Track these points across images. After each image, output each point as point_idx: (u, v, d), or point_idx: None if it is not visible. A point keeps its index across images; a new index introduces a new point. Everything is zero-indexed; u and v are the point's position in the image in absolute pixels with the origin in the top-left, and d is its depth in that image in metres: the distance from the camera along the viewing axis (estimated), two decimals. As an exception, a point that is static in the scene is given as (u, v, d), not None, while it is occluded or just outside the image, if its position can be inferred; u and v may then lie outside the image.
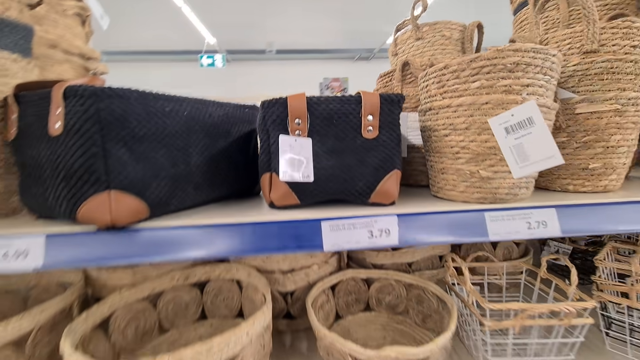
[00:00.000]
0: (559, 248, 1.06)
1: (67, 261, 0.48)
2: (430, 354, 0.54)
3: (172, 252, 0.50)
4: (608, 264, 0.71)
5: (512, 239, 0.54)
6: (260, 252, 0.52)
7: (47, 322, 0.61)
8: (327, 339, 0.58)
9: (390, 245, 0.52)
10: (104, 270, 0.74)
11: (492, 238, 0.53)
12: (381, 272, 0.83)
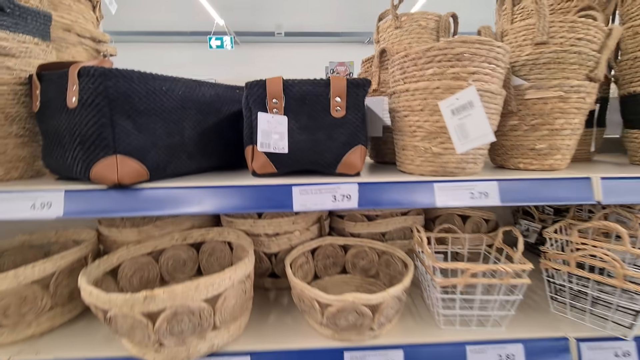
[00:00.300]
0: (529, 227, 1.15)
1: (82, 212, 0.59)
2: (383, 300, 0.64)
3: (167, 208, 0.60)
4: (553, 235, 0.79)
5: (457, 206, 0.62)
6: (241, 210, 0.62)
7: (66, 267, 0.73)
8: (298, 287, 0.68)
9: (350, 209, 0.62)
10: (113, 228, 0.85)
11: (438, 205, 0.62)
12: (357, 239, 0.92)
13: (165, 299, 0.56)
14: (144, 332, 0.58)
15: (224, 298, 0.63)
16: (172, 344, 0.61)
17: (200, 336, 0.63)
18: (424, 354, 0.70)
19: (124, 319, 0.57)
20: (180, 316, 0.58)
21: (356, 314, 0.65)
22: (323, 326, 0.70)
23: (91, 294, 0.58)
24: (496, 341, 0.71)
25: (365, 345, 0.69)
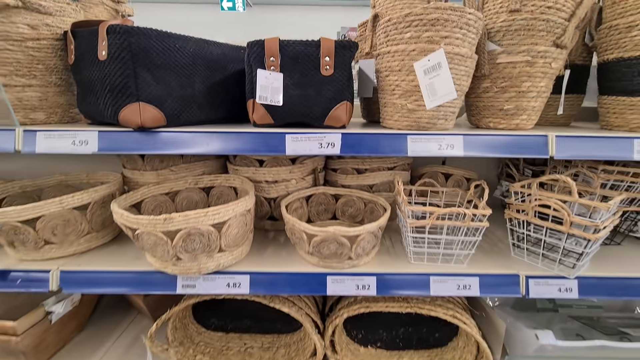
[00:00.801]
0: (508, 187, 1.24)
1: (112, 148, 0.72)
2: (360, 233, 0.77)
3: (181, 148, 0.73)
4: (518, 189, 0.89)
5: (426, 155, 0.72)
6: (242, 152, 0.74)
7: (99, 199, 0.88)
8: (290, 222, 0.82)
9: (333, 154, 0.73)
10: (135, 171, 0.99)
11: (409, 154, 0.73)
12: (347, 190, 1.04)
13: (180, 221, 0.70)
14: (164, 248, 0.73)
15: (228, 226, 0.77)
16: (186, 260, 0.76)
17: (208, 255, 0.78)
18: (394, 281, 0.83)
19: (148, 236, 0.72)
20: (193, 236, 0.73)
21: (337, 244, 0.78)
22: (310, 255, 0.84)
23: (122, 215, 0.72)
24: (456, 274, 0.84)
25: (344, 272, 0.83)
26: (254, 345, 1.03)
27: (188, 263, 0.77)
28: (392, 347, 1.03)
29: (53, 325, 0.94)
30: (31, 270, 0.82)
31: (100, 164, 1.23)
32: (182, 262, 0.77)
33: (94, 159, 1.24)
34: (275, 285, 0.83)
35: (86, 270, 0.82)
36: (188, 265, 0.77)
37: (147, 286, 0.82)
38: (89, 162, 1.24)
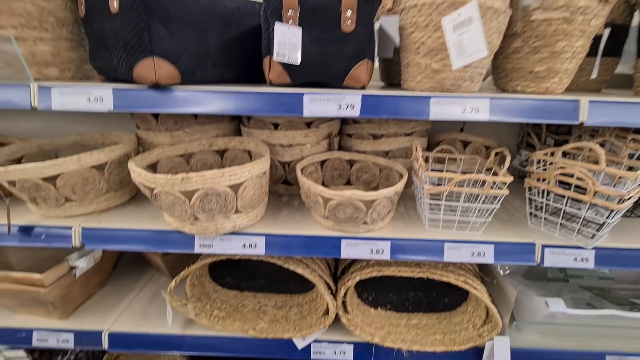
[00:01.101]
0: (528, 156, 1.21)
1: (128, 106, 0.71)
2: (376, 198, 0.76)
3: (196, 107, 0.71)
4: (540, 156, 0.86)
5: (449, 119, 0.70)
6: (258, 113, 0.72)
7: (116, 159, 0.88)
8: (306, 185, 0.81)
9: (352, 116, 0.71)
10: (150, 132, 0.99)
11: (431, 117, 0.70)
12: (362, 155, 1.03)
13: (198, 180, 0.70)
14: (182, 208, 0.74)
15: (244, 187, 0.77)
16: (203, 220, 0.77)
17: (225, 216, 0.78)
18: (408, 247, 0.84)
19: (166, 195, 0.72)
20: (210, 197, 0.73)
21: (353, 208, 0.78)
22: (325, 218, 0.84)
23: (140, 174, 0.72)
24: (471, 241, 0.83)
25: (359, 236, 0.84)
26: (268, 303, 1.07)
27: (205, 223, 0.78)
28: (402, 309, 1.06)
29: (77, 279, 0.98)
30: (54, 226, 0.84)
31: (115, 124, 1.23)
32: (199, 222, 0.78)
33: (108, 119, 1.24)
34: (290, 247, 0.84)
35: (107, 228, 0.84)
36: (205, 225, 0.78)
37: (165, 244, 0.84)
38: (102, 123, 1.24)
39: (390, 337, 0.97)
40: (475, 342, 0.93)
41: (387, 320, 1.03)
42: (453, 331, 0.98)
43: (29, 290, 0.89)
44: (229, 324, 0.98)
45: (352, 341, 0.98)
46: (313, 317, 0.99)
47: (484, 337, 0.92)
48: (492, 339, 0.92)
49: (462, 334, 0.96)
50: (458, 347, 0.94)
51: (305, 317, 1.01)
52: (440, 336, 0.98)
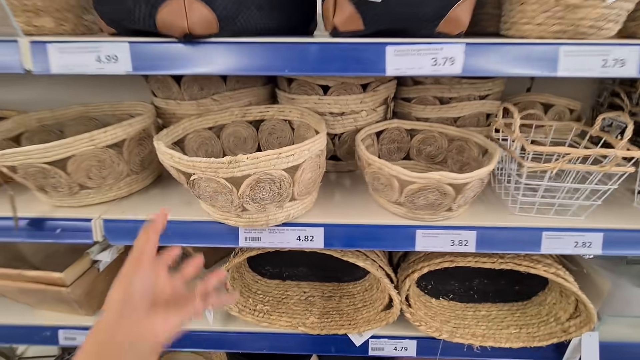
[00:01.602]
0: (612, 121, 1.02)
1: (152, 66, 0.54)
2: (470, 180, 0.60)
3: (241, 67, 0.53)
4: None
5: (584, 75, 0.52)
6: (323, 73, 0.55)
7: (135, 135, 0.72)
8: (376, 164, 0.65)
9: (452, 74, 0.53)
10: (171, 101, 0.81)
11: (561, 74, 0.52)
12: (426, 124, 0.85)
13: (249, 164, 0.54)
14: (227, 198, 0.59)
15: (302, 170, 0.61)
16: (253, 211, 0.62)
17: (279, 205, 0.63)
18: (497, 237, 0.69)
19: (207, 183, 0.57)
20: (262, 184, 0.57)
21: (438, 193, 0.62)
22: (397, 204, 0.69)
23: (173, 158, 0.56)
24: (575, 229, 0.68)
25: (439, 225, 0.69)
26: (314, 294, 0.96)
27: (255, 214, 0.63)
28: (467, 299, 0.94)
29: (101, 273, 0.86)
30: (70, 218, 0.70)
31: (124, 91, 1.04)
32: (247, 214, 0.63)
33: (114, 84, 1.05)
34: (353, 239, 0.70)
35: (132, 220, 0.70)
36: (255, 217, 0.64)
37: (204, 238, 0.70)
38: (106, 89, 1.05)
39: (458, 331, 0.86)
40: (560, 338, 0.81)
41: (451, 312, 0.91)
42: (529, 324, 0.86)
43: (49, 289, 0.77)
44: (275, 319, 0.87)
45: (415, 336, 0.87)
46: (370, 312, 0.87)
47: (570, 332, 0.81)
48: (580, 335, 0.80)
49: (541, 328, 0.85)
50: (538, 343, 0.83)
51: (359, 309, 0.90)
52: (515, 330, 0.86)
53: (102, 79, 1.02)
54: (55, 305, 0.86)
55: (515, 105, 0.94)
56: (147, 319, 0.38)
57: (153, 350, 0.38)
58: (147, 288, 0.39)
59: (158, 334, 0.38)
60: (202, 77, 0.79)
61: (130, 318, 0.37)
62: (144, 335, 0.37)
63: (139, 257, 0.40)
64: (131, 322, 0.37)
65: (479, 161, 0.75)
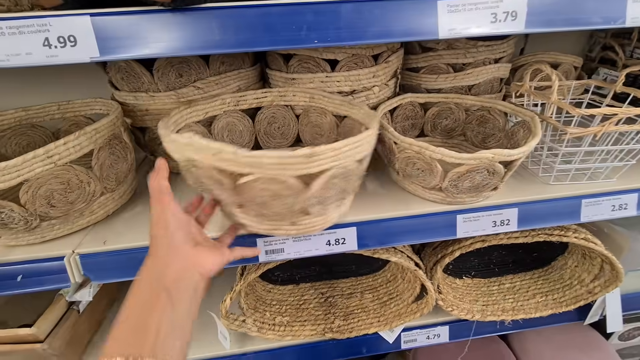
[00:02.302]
0: (607, 76, 1.01)
1: (127, 46, 0.39)
2: (522, 155, 0.54)
3: (262, 38, 0.40)
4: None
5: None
6: (356, 41, 0.43)
7: (105, 143, 0.56)
8: (414, 148, 0.56)
9: (512, 32, 0.44)
10: (141, 94, 0.65)
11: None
12: (441, 95, 0.77)
13: (330, 157, 0.41)
14: (286, 202, 0.45)
15: (365, 160, 0.50)
16: (315, 213, 0.49)
17: (338, 204, 0.52)
18: (536, 211, 0.64)
19: (266, 185, 0.42)
20: (335, 179, 0.45)
21: (487, 173, 0.55)
22: (435, 191, 0.61)
23: (221, 154, 0.39)
24: (611, 193, 0.66)
25: (478, 207, 0.62)
26: (333, 293, 0.88)
27: (315, 218, 0.51)
28: (488, 274, 0.91)
29: (83, 314, 0.71)
30: (33, 260, 0.54)
31: (71, 88, 0.84)
32: (306, 219, 0.50)
33: (57, 79, 0.84)
34: (389, 235, 0.62)
35: (119, 250, 0.56)
36: (313, 222, 0.51)
37: (217, 260, 0.57)
38: (49, 85, 0.84)
39: (488, 309, 0.83)
40: (586, 300, 0.81)
41: (477, 290, 0.88)
42: (554, 290, 0.86)
43: (17, 350, 0.61)
44: (298, 330, 0.78)
45: (446, 321, 0.83)
46: (399, 305, 0.81)
47: (595, 293, 0.81)
48: (605, 294, 0.80)
49: (566, 293, 0.84)
50: (566, 308, 0.82)
51: (386, 304, 0.83)
52: (541, 298, 0.85)
53: (39, 70, 0.81)
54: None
55: (519, 66, 0.90)
56: (194, 250, 0.40)
57: (201, 280, 0.39)
58: (183, 222, 0.41)
59: (203, 264, 0.40)
60: (179, 61, 0.63)
61: (177, 249, 0.39)
62: (192, 264, 0.39)
63: (160, 197, 0.40)
64: (179, 252, 0.38)
65: (507, 131, 0.69)
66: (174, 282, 0.36)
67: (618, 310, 0.84)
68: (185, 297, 0.37)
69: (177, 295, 0.36)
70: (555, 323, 0.86)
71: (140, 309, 0.35)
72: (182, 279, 0.37)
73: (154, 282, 0.36)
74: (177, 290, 0.36)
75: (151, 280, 0.37)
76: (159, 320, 0.33)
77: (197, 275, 0.39)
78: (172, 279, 0.36)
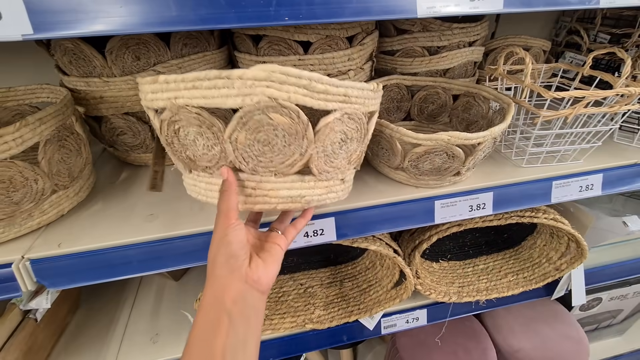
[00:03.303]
0: (573, 59, 1.04)
1: (65, 22, 0.33)
2: (483, 140, 0.53)
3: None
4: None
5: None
6: (335, 18, 0.40)
7: (53, 134, 0.50)
8: (376, 126, 0.54)
9: (492, 11, 0.43)
10: (94, 79, 0.58)
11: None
12: (429, 79, 0.76)
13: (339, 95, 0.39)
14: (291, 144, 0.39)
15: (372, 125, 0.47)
16: (319, 168, 0.43)
17: (342, 176, 0.48)
18: (510, 194, 0.65)
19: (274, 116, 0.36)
20: (341, 125, 0.41)
21: (446, 157, 0.54)
22: (399, 170, 0.60)
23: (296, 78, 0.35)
24: (578, 174, 0.68)
25: (454, 192, 0.62)
26: (312, 284, 0.87)
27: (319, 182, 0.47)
28: (463, 256, 0.94)
29: (41, 322, 0.65)
30: (-26, 269, 0.48)
31: (7, 73, 0.75)
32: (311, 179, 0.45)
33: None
34: (368, 224, 0.60)
35: (77, 253, 0.51)
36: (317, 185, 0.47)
37: (189, 256, 0.54)
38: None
39: (464, 290, 0.85)
40: (554, 277, 0.85)
41: (453, 272, 0.90)
42: (524, 269, 0.89)
43: (-36, 368, 0.55)
44: (278, 322, 0.77)
45: (424, 305, 0.84)
46: (379, 291, 0.81)
47: (562, 269, 0.85)
48: (571, 270, 0.85)
49: (536, 271, 0.88)
50: (535, 285, 0.86)
51: (366, 291, 0.83)
52: (512, 277, 0.88)
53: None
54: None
55: (490, 50, 0.90)
56: (250, 269, 0.39)
57: (261, 298, 0.40)
58: (243, 241, 0.39)
59: (262, 281, 0.39)
60: (135, 42, 0.57)
61: (237, 273, 0.38)
62: (252, 286, 0.38)
63: (227, 214, 0.39)
64: (237, 275, 0.38)
65: (488, 117, 0.69)
66: (234, 304, 0.36)
67: (582, 284, 0.88)
68: (246, 317, 0.37)
69: (238, 318, 0.36)
70: (526, 300, 0.90)
71: (205, 334, 0.35)
72: (241, 300, 0.37)
73: (216, 304, 0.36)
74: (238, 312, 0.36)
75: (213, 302, 0.37)
76: (224, 345, 0.34)
77: (257, 293, 0.39)
78: (232, 300, 0.36)
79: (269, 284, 0.41)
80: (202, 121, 0.38)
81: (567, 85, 0.76)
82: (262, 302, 0.40)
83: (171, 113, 0.39)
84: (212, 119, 0.37)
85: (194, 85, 0.35)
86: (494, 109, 0.69)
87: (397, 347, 0.94)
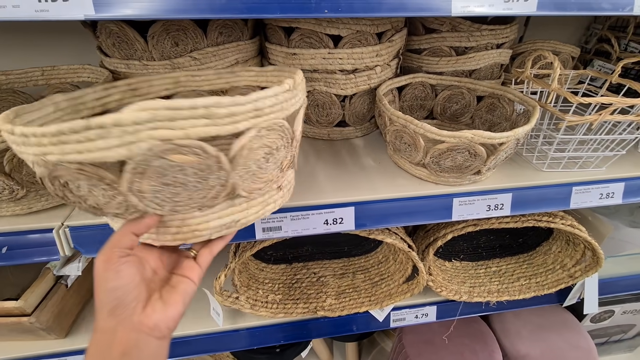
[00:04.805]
0: (601, 67, 1.03)
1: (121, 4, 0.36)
2: (506, 140, 0.54)
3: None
4: None
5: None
6: (373, 13, 0.41)
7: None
8: (400, 121, 0.56)
9: (525, 13, 0.44)
10: (134, 62, 0.62)
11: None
12: (454, 79, 0.76)
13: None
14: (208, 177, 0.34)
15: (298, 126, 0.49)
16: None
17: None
18: (529, 197, 0.66)
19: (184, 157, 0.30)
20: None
21: (468, 155, 0.55)
22: (419, 166, 0.62)
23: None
24: (599, 181, 0.68)
25: (474, 190, 0.63)
26: (325, 273, 0.89)
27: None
28: (476, 257, 0.94)
29: (71, 289, 0.69)
30: (19, 231, 0.52)
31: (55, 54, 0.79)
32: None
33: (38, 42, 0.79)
34: (387, 216, 0.62)
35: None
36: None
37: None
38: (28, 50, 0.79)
39: (475, 290, 0.86)
40: (567, 283, 0.85)
41: (465, 273, 0.91)
42: (537, 274, 0.89)
43: (5, 322, 0.59)
44: (291, 307, 0.79)
45: (434, 302, 0.86)
46: (390, 285, 0.83)
47: (576, 277, 0.84)
48: (585, 278, 0.84)
49: (549, 276, 0.88)
50: (547, 291, 0.86)
51: (377, 284, 0.85)
52: (525, 281, 0.89)
53: (15, 30, 0.76)
54: (14, 336, 0.68)
55: (517, 54, 0.90)
56: (144, 315, 0.33)
57: (160, 344, 0.34)
58: (133, 282, 0.33)
59: (160, 327, 0.33)
60: (175, 29, 0.60)
61: (124, 321, 0.32)
62: (145, 331, 0.32)
63: (110, 252, 0.33)
64: (127, 324, 0.32)
65: (512, 120, 0.70)
66: (125, 356, 0.31)
67: (595, 293, 0.88)
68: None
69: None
70: (536, 305, 0.90)
71: None
72: (134, 351, 0.31)
73: (101, 358, 0.31)
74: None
75: (99, 356, 0.31)
76: None
77: (154, 341, 0.33)
78: (121, 353, 0.31)
79: (170, 328, 0.34)
80: (89, 176, 0.30)
81: (594, 93, 0.76)
82: (162, 348, 0.34)
83: (47, 170, 0.30)
84: (101, 172, 0.30)
85: (60, 140, 0.28)
86: (518, 111, 0.70)
87: (403, 342, 0.96)
